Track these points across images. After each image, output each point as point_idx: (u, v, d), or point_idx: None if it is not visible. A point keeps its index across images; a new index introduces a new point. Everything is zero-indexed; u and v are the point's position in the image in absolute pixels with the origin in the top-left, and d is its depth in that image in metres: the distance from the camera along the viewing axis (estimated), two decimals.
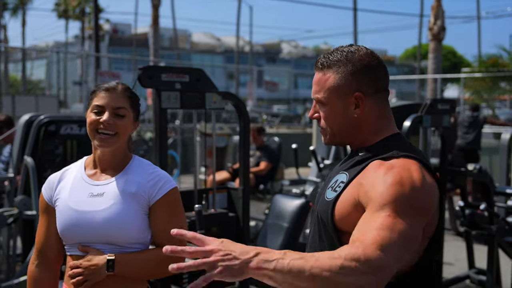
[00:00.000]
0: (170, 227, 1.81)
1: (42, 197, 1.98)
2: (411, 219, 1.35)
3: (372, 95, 1.53)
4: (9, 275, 4.81)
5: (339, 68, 1.53)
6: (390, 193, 1.37)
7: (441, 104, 4.75)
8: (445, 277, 5.27)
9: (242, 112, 3.75)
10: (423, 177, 1.42)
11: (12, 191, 5.10)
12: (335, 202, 1.50)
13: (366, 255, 1.26)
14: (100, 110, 1.87)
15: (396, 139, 1.56)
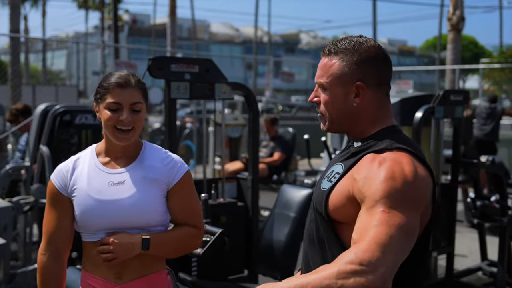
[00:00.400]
0: (188, 207, 1.98)
1: (52, 186, 1.97)
2: (407, 212, 1.37)
3: (373, 86, 1.55)
4: (25, 262, 4.92)
5: (346, 56, 1.55)
6: (383, 188, 1.39)
7: (454, 95, 4.72)
8: (458, 269, 5.25)
9: (251, 103, 3.78)
10: (415, 170, 1.43)
11: (28, 179, 5.21)
12: (330, 192, 1.53)
13: (362, 256, 1.29)
14: (117, 107, 1.88)
15: (391, 131, 1.57)
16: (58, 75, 41.43)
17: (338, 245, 1.50)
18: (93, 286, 1.91)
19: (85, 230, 1.93)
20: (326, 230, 1.53)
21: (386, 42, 67.49)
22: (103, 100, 1.90)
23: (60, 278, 1.97)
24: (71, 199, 1.94)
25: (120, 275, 1.90)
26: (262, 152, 7.28)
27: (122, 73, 1.95)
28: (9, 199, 4.80)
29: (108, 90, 1.89)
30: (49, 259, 1.95)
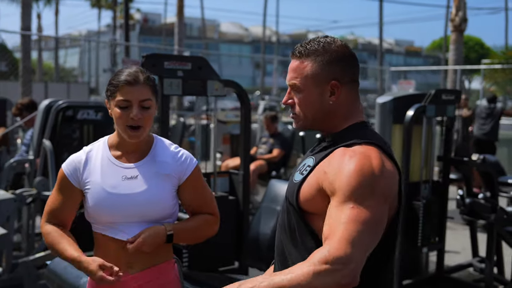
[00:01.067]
0: (201, 197, 2.09)
1: (63, 174, 2.01)
2: (374, 205, 1.44)
3: (346, 84, 1.62)
4: (28, 252, 5.06)
5: (317, 57, 1.61)
6: (351, 183, 1.45)
7: (445, 94, 4.80)
8: (449, 265, 5.34)
9: (244, 100, 3.90)
10: (383, 164, 1.50)
11: (31, 172, 5.36)
12: (301, 185, 1.60)
13: (334, 254, 1.38)
14: (126, 105, 1.92)
15: (361, 127, 1.64)
16: (70, 73, 41.81)
17: (308, 234, 1.58)
18: None
19: (97, 222, 1.99)
20: (297, 220, 1.60)
21: (393, 43, 67.25)
22: (113, 97, 1.94)
23: (67, 233, 2.01)
24: (81, 190, 2.00)
25: (132, 264, 1.98)
26: (261, 148, 7.39)
27: (131, 70, 1.97)
28: (12, 191, 4.96)
29: (118, 87, 1.93)
30: (52, 224, 2.02)
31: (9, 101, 8.13)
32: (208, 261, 3.78)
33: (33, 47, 29.54)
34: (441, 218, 4.85)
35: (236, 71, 38.92)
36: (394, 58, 61.22)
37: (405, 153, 4.48)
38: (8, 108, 8.07)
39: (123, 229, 1.97)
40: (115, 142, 2.04)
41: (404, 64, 49.61)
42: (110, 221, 1.97)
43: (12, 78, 16.73)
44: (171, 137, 9.35)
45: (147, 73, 2.00)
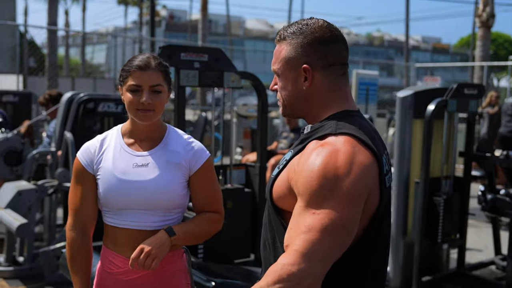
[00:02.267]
0: (209, 192, 2.06)
1: (79, 163, 2.02)
2: (338, 207, 1.33)
3: (321, 69, 1.50)
4: (50, 243, 5.13)
5: (292, 40, 1.52)
6: (312, 186, 1.36)
7: (468, 89, 4.72)
8: (471, 262, 5.26)
9: (260, 92, 3.88)
10: (351, 160, 1.37)
11: (53, 164, 5.43)
12: (274, 180, 1.52)
13: (288, 270, 1.30)
14: (137, 89, 1.93)
15: (341, 116, 1.50)
16: (97, 69, 42.31)
17: (284, 231, 1.45)
18: (113, 262, 2.01)
19: (108, 209, 2.01)
20: (274, 217, 1.53)
21: (420, 40, 66.45)
22: (125, 83, 1.96)
23: (87, 252, 2.06)
24: (96, 177, 2.02)
25: None
26: (282, 143, 7.36)
27: (144, 56, 1.99)
28: (34, 182, 5.04)
29: (129, 73, 1.94)
30: (77, 235, 2.03)
31: (34, 95, 8.27)
32: (224, 253, 3.78)
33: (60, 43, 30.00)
34: (462, 215, 4.77)
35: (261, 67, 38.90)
36: (421, 55, 60.49)
37: (426, 149, 4.41)
38: (33, 102, 8.21)
39: (133, 217, 1.98)
40: (128, 130, 2.05)
41: (431, 61, 48.97)
42: (120, 208, 1.98)
43: (40, 73, 17.02)
44: (193, 132, 9.43)
45: (159, 60, 2.01)
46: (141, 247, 1.89)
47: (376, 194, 1.42)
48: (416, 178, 4.56)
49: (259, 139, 3.93)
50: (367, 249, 1.46)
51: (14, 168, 5.69)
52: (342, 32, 1.60)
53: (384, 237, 1.52)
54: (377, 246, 1.49)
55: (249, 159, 6.98)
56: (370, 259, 1.48)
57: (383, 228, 1.50)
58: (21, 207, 4.76)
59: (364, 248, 1.45)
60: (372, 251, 1.48)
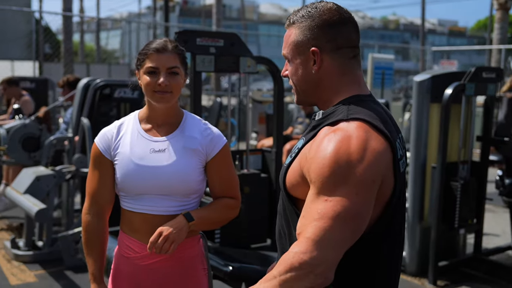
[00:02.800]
0: (226, 178, 2.07)
1: (96, 148, 2.03)
2: (351, 194, 1.32)
3: (330, 51, 1.48)
4: (68, 228, 5.20)
5: (301, 23, 1.50)
6: (325, 173, 1.34)
7: (486, 72, 4.66)
8: (488, 247, 5.23)
9: (276, 77, 3.87)
10: (364, 145, 1.35)
11: (71, 150, 5.48)
12: (287, 169, 1.50)
13: (300, 258, 1.29)
14: (154, 71, 1.94)
15: (353, 101, 1.47)
16: (112, 54, 42.43)
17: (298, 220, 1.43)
18: (130, 247, 2.03)
19: (125, 194, 2.02)
20: (288, 206, 1.51)
21: (436, 23, 65.62)
22: (142, 66, 1.97)
23: (103, 236, 2.08)
24: (113, 162, 2.03)
25: None
26: (297, 128, 7.35)
27: (161, 39, 2.01)
28: (52, 168, 5.09)
29: (147, 55, 1.96)
30: (93, 218, 2.06)
31: (51, 81, 8.33)
32: (240, 238, 3.80)
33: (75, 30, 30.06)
34: (479, 200, 4.74)
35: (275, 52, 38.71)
36: (437, 38, 59.75)
37: (443, 133, 4.38)
38: (50, 88, 8.27)
39: (150, 203, 1.99)
40: (145, 115, 2.06)
41: (447, 45, 48.43)
42: (137, 193, 1.99)
43: (55, 60, 17.12)
44: (208, 117, 9.44)
45: (175, 43, 2.02)
46: (160, 230, 1.90)
47: (390, 179, 1.40)
48: (433, 163, 4.54)
49: (275, 124, 3.93)
50: (380, 236, 1.44)
51: (32, 154, 5.76)
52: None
53: (398, 224, 1.50)
54: (390, 233, 1.46)
55: (264, 144, 6.99)
56: (383, 246, 1.46)
57: (397, 215, 1.47)
58: (40, 193, 4.82)
59: (377, 235, 1.43)
60: (385, 239, 1.46)
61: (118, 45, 45.73)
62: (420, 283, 4.52)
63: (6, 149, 5.77)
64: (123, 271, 2.07)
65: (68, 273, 4.58)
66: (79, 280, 4.42)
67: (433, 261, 4.43)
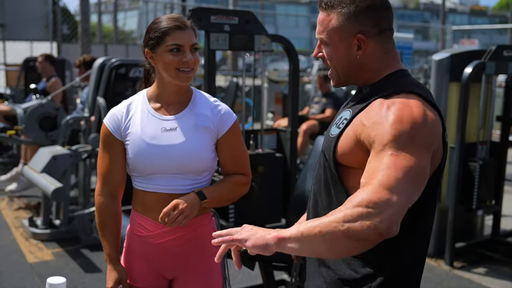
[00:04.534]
0: (237, 155, 2.06)
1: (106, 129, 2.02)
2: (416, 153, 1.36)
3: (375, 36, 1.52)
4: (84, 206, 5.24)
5: (343, 8, 1.51)
6: (391, 132, 1.38)
7: (507, 51, 4.56)
8: (506, 229, 5.16)
9: (292, 56, 3.82)
10: (424, 112, 1.42)
11: (87, 129, 5.50)
12: (338, 138, 1.52)
13: (370, 197, 1.29)
14: (179, 48, 1.91)
15: (399, 75, 1.54)
16: (130, 35, 42.47)
17: (343, 191, 1.50)
18: (143, 225, 2.02)
19: (138, 174, 2.01)
20: (333, 176, 1.54)
21: (457, 2, 64.47)
22: (162, 43, 1.92)
23: (117, 216, 2.07)
24: (123, 143, 2.01)
25: None
26: (314, 108, 7.29)
27: (175, 15, 1.98)
28: (68, 147, 5.11)
29: (168, 33, 1.92)
30: (106, 199, 2.04)
31: (68, 62, 8.35)
32: (255, 217, 3.79)
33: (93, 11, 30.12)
34: (498, 181, 4.67)
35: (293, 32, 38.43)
36: (458, 18, 58.72)
37: (462, 113, 4.30)
38: (67, 68, 8.30)
39: (162, 182, 1.98)
40: (154, 94, 2.03)
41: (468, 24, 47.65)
42: (149, 173, 1.98)
43: (73, 40, 17.16)
44: (224, 97, 9.40)
45: (191, 20, 2.01)
46: (176, 203, 1.89)
47: (440, 149, 1.47)
48: (451, 143, 4.46)
49: (291, 103, 3.89)
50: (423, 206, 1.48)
51: (49, 134, 5.80)
52: None
53: (436, 196, 1.56)
54: (431, 205, 1.52)
55: (280, 124, 6.94)
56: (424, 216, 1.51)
57: (439, 186, 1.54)
58: (56, 172, 4.85)
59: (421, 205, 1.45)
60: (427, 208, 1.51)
61: (135, 26, 45.75)
62: (436, 264, 4.48)
63: (24, 129, 5.82)
64: (135, 249, 2.07)
65: (84, 251, 4.63)
66: (95, 258, 4.47)
67: (450, 242, 4.38)
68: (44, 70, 6.73)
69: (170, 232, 1.99)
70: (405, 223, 1.44)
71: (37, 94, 6.26)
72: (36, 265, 4.32)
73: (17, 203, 6.02)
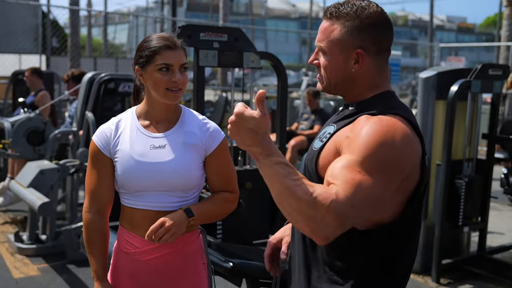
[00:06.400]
0: (225, 172, 2.07)
1: (95, 146, 2.01)
2: (382, 178, 1.38)
3: (373, 54, 1.54)
4: (72, 221, 5.21)
5: (347, 21, 1.53)
6: (366, 151, 1.40)
7: (492, 70, 4.62)
8: (492, 246, 5.20)
9: (280, 73, 3.85)
10: (405, 136, 1.44)
11: (75, 144, 5.49)
12: (320, 152, 1.55)
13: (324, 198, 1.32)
14: (168, 68, 1.92)
15: (387, 96, 1.57)
16: (119, 49, 42.50)
17: None
18: (130, 242, 2.02)
19: (126, 190, 2.01)
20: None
21: (445, 19, 65.28)
22: (152, 62, 1.93)
23: (104, 233, 2.07)
24: (112, 160, 2.02)
25: None
26: (303, 124, 7.33)
27: (166, 35, 1.98)
28: (56, 162, 5.09)
29: (158, 52, 1.93)
30: (94, 216, 2.04)
31: (57, 75, 8.34)
32: (242, 234, 3.79)
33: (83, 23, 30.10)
34: (484, 198, 4.71)
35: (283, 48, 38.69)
36: (446, 35, 59.41)
37: (448, 130, 4.35)
38: (56, 81, 8.28)
39: (150, 199, 1.98)
40: (143, 111, 2.04)
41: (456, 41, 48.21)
42: (138, 190, 1.98)
43: (63, 54, 17.13)
44: (213, 112, 9.40)
45: (181, 40, 2.03)
46: (163, 221, 1.89)
47: (416, 173, 1.49)
48: (438, 160, 4.50)
49: (279, 119, 3.91)
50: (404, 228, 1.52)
51: (36, 148, 5.76)
52: None
53: (419, 221, 1.60)
54: (414, 226, 1.56)
55: None
56: (406, 238, 1.54)
57: (420, 210, 1.56)
58: (43, 186, 4.83)
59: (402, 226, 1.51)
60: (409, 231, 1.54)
61: (125, 39, 45.80)
62: (423, 281, 4.50)
63: (11, 143, 5.78)
64: (122, 266, 2.07)
65: (70, 266, 4.59)
66: (81, 274, 4.43)
67: (436, 259, 4.40)
68: (32, 84, 6.70)
69: (158, 249, 1.99)
70: (392, 247, 1.51)
71: (26, 107, 6.23)
72: (22, 281, 4.28)
73: (3, 217, 5.97)
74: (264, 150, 1.40)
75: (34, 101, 6.54)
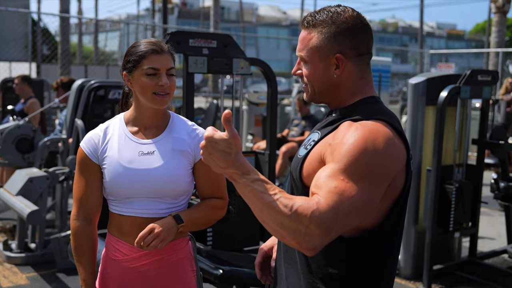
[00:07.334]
0: (214, 179, 2.05)
1: (83, 153, 2.00)
2: (365, 185, 1.38)
3: (353, 58, 1.55)
4: (61, 229, 5.16)
5: (323, 28, 1.54)
6: (349, 157, 1.39)
7: (481, 75, 4.64)
8: (483, 251, 5.21)
9: (270, 79, 3.84)
10: (388, 141, 1.43)
11: (65, 151, 5.45)
12: (304, 159, 1.54)
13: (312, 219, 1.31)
14: (155, 72, 1.92)
15: (371, 102, 1.57)
16: (110, 56, 42.43)
17: None
18: (119, 249, 2.01)
19: (114, 197, 1.99)
20: (301, 195, 1.52)
21: (435, 26, 65.77)
22: (139, 67, 1.93)
23: (92, 241, 2.05)
24: (100, 166, 2.00)
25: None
26: (293, 131, 7.33)
27: (153, 40, 1.98)
28: (45, 170, 5.06)
29: (144, 57, 1.93)
30: (82, 224, 2.02)
31: (46, 82, 8.31)
32: (233, 240, 3.77)
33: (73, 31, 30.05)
34: (475, 203, 4.72)
35: (274, 55, 38.80)
36: (436, 41, 59.84)
37: (438, 136, 4.36)
38: (46, 89, 8.25)
39: (139, 206, 1.97)
40: (131, 118, 2.03)
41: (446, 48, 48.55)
42: (126, 197, 1.97)
43: (53, 61, 17.08)
44: (204, 119, 9.38)
45: (167, 43, 2.03)
46: (152, 227, 1.88)
47: (401, 178, 1.49)
48: (428, 166, 4.51)
49: (269, 126, 3.90)
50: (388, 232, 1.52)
51: (25, 155, 5.72)
52: None
53: (402, 223, 1.58)
54: (397, 231, 1.55)
55: (260, 147, 6.96)
56: (389, 243, 1.54)
57: (403, 214, 1.56)
58: (32, 194, 4.79)
59: (385, 231, 1.51)
60: (392, 235, 1.54)
61: (116, 47, 45.73)
62: (414, 286, 4.49)
63: (0, 150, 5.74)
64: (110, 273, 2.05)
65: (60, 275, 4.55)
66: (71, 282, 4.39)
67: (427, 264, 4.40)
68: (22, 91, 6.66)
69: (146, 256, 1.98)
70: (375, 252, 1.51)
71: (15, 115, 6.19)
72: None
73: None
74: (239, 169, 1.38)
75: (24, 109, 6.50)
